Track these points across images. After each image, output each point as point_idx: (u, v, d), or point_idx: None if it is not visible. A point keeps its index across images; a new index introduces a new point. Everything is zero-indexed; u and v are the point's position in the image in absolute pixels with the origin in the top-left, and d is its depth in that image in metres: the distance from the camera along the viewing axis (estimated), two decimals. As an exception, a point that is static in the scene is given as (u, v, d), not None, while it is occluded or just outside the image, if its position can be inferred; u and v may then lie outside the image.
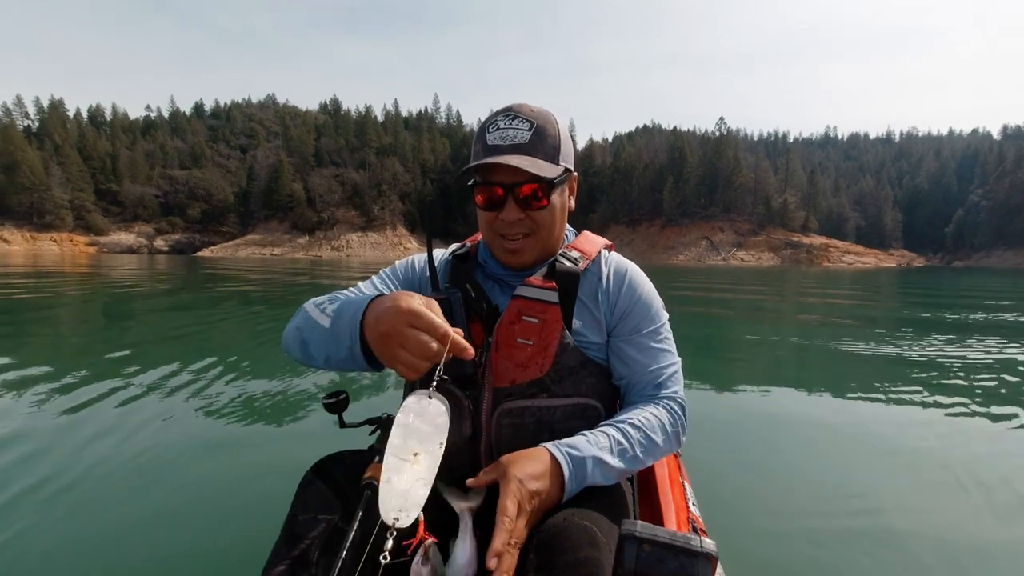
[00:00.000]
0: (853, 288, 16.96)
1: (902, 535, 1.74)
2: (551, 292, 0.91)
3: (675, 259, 72.80)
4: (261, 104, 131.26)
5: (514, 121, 0.88)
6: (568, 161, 0.93)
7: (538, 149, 0.87)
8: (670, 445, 0.89)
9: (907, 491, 2.07)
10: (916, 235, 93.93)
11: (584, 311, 0.94)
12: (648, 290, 0.99)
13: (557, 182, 0.90)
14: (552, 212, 0.91)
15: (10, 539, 1.61)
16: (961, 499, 2.00)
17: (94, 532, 1.67)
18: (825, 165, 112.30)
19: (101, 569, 1.50)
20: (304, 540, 0.71)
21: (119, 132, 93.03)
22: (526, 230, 0.91)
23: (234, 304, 8.75)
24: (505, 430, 0.88)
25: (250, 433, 2.60)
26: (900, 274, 34.82)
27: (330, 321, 0.80)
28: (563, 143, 0.91)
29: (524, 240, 0.92)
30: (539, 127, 0.89)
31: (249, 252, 74.98)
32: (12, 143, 71.53)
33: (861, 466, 2.31)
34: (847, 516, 1.86)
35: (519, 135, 0.87)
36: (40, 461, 2.16)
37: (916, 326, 7.17)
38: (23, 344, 4.92)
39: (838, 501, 1.98)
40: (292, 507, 0.78)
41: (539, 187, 0.87)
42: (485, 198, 0.90)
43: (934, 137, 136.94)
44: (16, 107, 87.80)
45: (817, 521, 1.82)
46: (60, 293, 10.07)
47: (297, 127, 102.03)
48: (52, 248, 67.97)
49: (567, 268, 0.94)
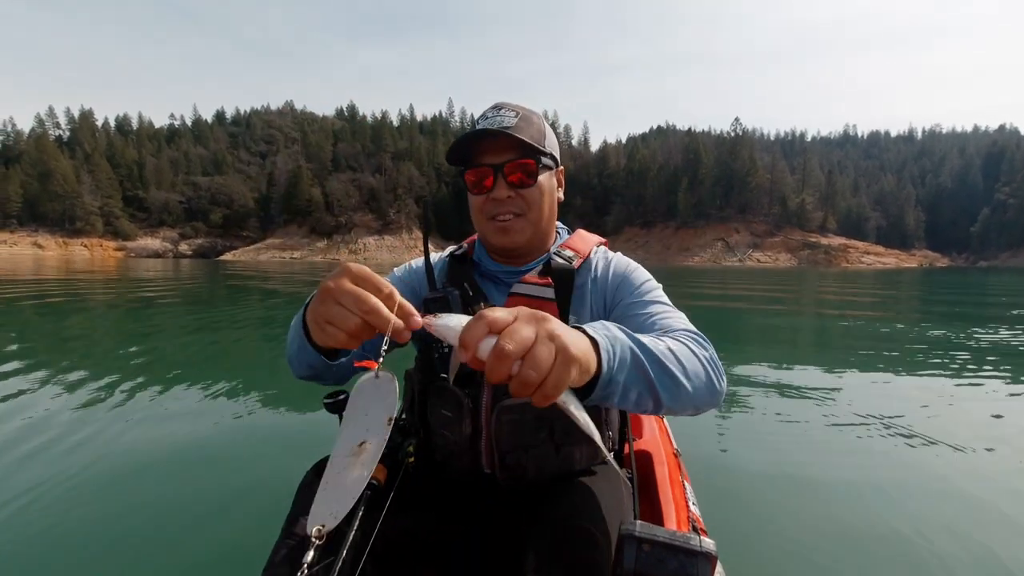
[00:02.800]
0: (862, 287, 16.92)
1: (902, 535, 1.74)
2: (547, 288, 0.91)
3: (690, 261, 72.37)
4: (280, 111, 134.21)
5: (501, 111, 0.92)
6: (554, 151, 0.96)
7: (524, 132, 0.90)
8: (710, 368, 0.74)
9: (907, 491, 2.06)
10: (940, 235, 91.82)
11: (580, 307, 0.95)
12: (636, 267, 1.00)
13: (544, 164, 0.93)
14: (541, 192, 0.93)
15: (10, 539, 1.63)
16: (961, 499, 2.00)
17: (94, 532, 1.68)
18: (844, 164, 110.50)
19: (101, 569, 1.51)
20: (304, 540, 0.70)
21: (145, 140, 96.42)
22: (516, 209, 0.92)
23: (238, 306, 8.78)
24: (505, 428, 0.87)
25: (251, 433, 2.62)
26: (918, 274, 34.26)
27: (295, 318, 0.77)
28: (548, 135, 0.95)
29: (515, 220, 0.93)
30: (524, 115, 0.92)
31: (269, 256, 76.72)
32: (46, 152, 74.67)
33: (861, 466, 2.30)
34: (847, 516, 1.86)
35: (506, 120, 0.90)
36: (40, 460, 2.19)
37: (924, 325, 7.20)
38: (33, 344, 4.97)
39: (838, 501, 1.98)
40: (292, 507, 0.77)
41: (528, 165, 0.90)
42: (475, 180, 0.91)
43: (958, 134, 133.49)
44: (48, 118, 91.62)
45: (817, 521, 1.83)
46: (86, 297, 10.67)
47: (315, 133, 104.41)
48: (83, 253, 70.60)
49: (562, 265, 0.94)
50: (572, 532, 0.68)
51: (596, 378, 0.58)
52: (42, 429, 2.56)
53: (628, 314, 0.91)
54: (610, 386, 0.59)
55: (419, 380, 0.96)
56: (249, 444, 2.49)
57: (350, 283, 0.57)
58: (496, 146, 0.89)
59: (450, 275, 1.00)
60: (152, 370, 3.77)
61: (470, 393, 0.88)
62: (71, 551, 1.58)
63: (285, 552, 0.71)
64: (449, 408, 0.88)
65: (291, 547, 0.71)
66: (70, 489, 1.95)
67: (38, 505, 1.83)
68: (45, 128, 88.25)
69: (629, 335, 0.65)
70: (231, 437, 2.57)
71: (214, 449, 2.40)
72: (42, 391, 3.25)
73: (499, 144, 0.89)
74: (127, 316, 7.70)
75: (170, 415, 2.82)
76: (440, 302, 0.88)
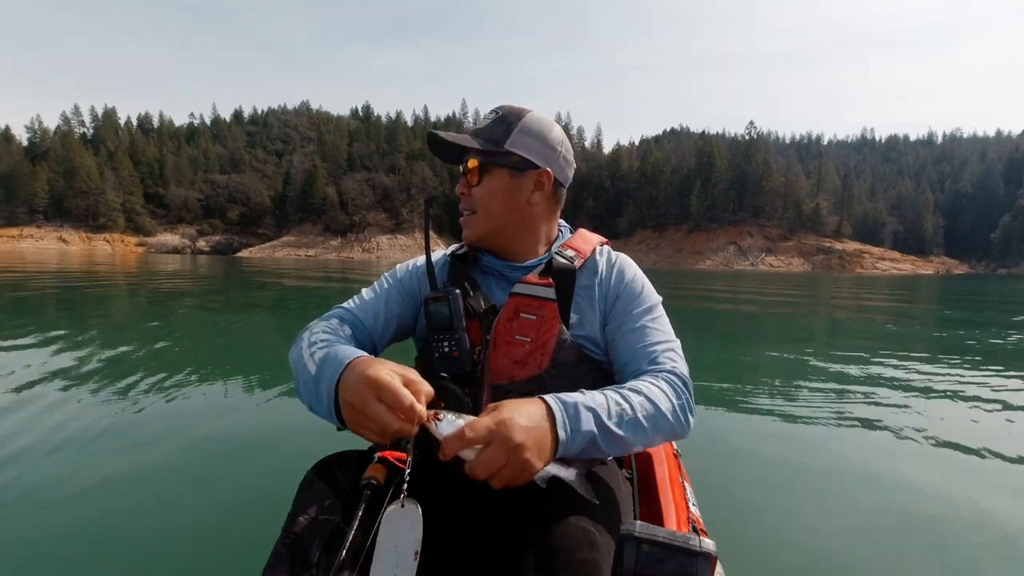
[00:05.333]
0: (870, 292, 16.82)
1: (902, 535, 1.74)
2: (548, 288, 0.92)
3: (702, 264, 72.14)
4: (296, 111, 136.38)
5: (490, 114, 0.96)
6: (527, 153, 0.94)
7: (487, 132, 0.93)
8: (677, 420, 0.83)
9: (908, 491, 2.06)
10: (959, 241, 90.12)
11: (581, 307, 0.95)
12: (638, 274, 1.01)
13: (490, 163, 0.93)
14: (489, 192, 0.94)
15: (10, 538, 1.62)
16: (961, 498, 2.00)
17: (94, 531, 1.67)
18: (861, 168, 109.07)
19: (102, 568, 1.50)
20: (304, 540, 0.72)
21: (166, 139, 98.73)
22: (468, 206, 0.97)
23: (242, 307, 8.77)
24: None
25: (251, 433, 2.62)
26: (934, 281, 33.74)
27: (315, 370, 0.80)
28: (525, 135, 0.94)
29: (468, 216, 0.98)
30: (503, 116, 0.94)
31: (285, 253, 78.00)
32: (71, 150, 77.06)
33: (861, 466, 2.31)
34: (847, 516, 1.86)
35: (482, 122, 0.95)
36: (40, 459, 2.18)
37: (931, 329, 7.26)
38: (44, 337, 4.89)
39: (838, 501, 1.98)
40: (293, 507, 0.78)
41: (474, 166, 0.93)
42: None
43: (979, 139, 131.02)
44: (74, 116, 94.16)
45: (817, 520, 1.83)
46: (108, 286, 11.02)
47: (330, 133, 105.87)
48: (105, 248, 72.50)
49: (563, 265, 0.95)
50: (572, 532, 0.69)
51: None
52: (41, 426, 2.54)
53: (622, 330, 0.93)
54: (575, 441, 0.74)
55: None
56: (249, 444, 2.47)
57: (375, 402, 0.69)
58: (451, 144, 0.94)
59: (451, 274, 1.01)
60: (152, 369, 3.72)
61: (470, 392, 0.89)
62: (71, 550, 1.57)
63: (285, 552, 0.72)
64: (449, 407, 0.90)
65: (291, 547, 0.72)
66: (68, 488, 1.93)
67: (38, 504, 1.82)
68: (71, 126, 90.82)
69: (597, 420, 0.75)
70: (231, 437, 2.55)
71: (214, 449, 2.38)
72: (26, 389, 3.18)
73: (463, 145, 0.94)
74: (143, 310, 7.92)
75: (170, 415, 2.82)
76: (440, 302, 0.90)
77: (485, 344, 0.90)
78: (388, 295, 1.02)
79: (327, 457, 0.87)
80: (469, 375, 0.88)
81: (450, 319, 0.88)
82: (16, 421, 2.59)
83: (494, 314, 0.92)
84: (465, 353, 0.88)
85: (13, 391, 3.09)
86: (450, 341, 0.88)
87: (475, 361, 0.89)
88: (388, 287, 1.04)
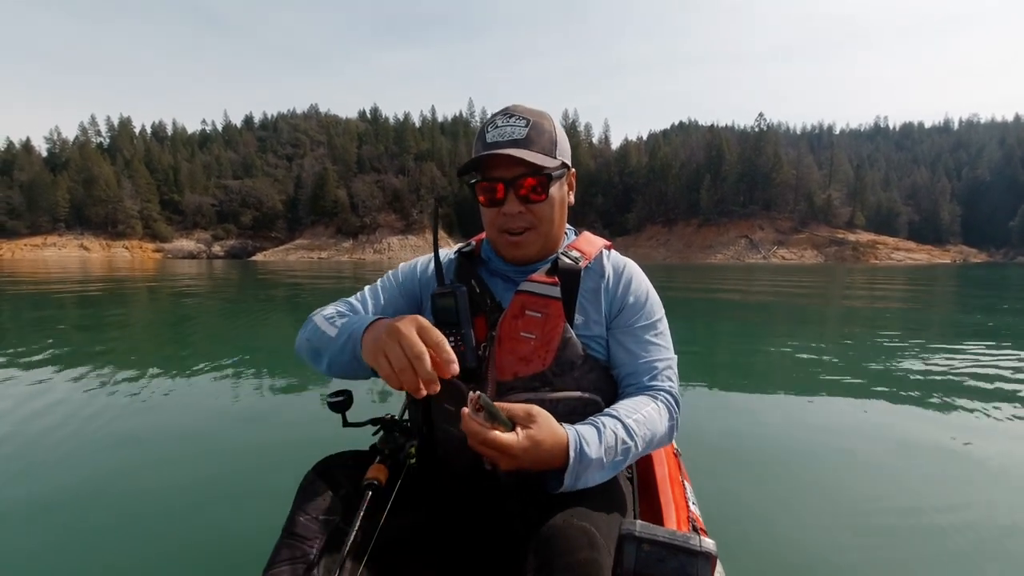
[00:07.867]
0: (877, 282, 16.59)
1: (903, 535, 1.73)
2: (553, 287, 0.93)
3: (713, 259, 71.51)
4: (305, 115, 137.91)
5: (511, 119, 0.92)
6: (565, 156, 0.95)
7: (535, 143, 0.90)
8: (666, 437, 0.91)
9: (908, 491, 2.06)
10: (977, 230, 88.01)
11: (585, 306, 0.96)
12: (645, 286, 1.01)
13: (555, 175, 0.92)
14: (552, 205, 0.94)
15: (10, 538, 1.64)
16: (961, 499, 1.99)
17: (95, 531, 1.68)
18: (875, 157, 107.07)
19: (102, 567, 1.51)
20: (305, 540, 0.72)
21: (179, 146, 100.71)
22: (527, 224, 0.93)
23: (242, 306, 8.86)
24: None
25: (252, 432, 2.62)
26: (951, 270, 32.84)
27: (337, 332, 0.86)
28: (559, 139, 0.94)
29: (526, 234, 0.94)
30: (535, 123, 0.92)
31: (298, 256, 79.00)
32: (90, 159, 78.96)
33: (861, 466, 2.30)
34: (846, 515, 1.85)
35: (516, 131, 0.90)
36: (40, 459, 2.21)
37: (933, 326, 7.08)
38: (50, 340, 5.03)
39: (838, 500, 1.98)
40: (293, 507, 0.78)
41: (538, 181, 0.90)
42: (487, 195, 0.92)
43: (998, 124, 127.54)
44: (91, 126, 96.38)
45: (817, 520, 1.82)
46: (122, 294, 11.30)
47: (339, 135, 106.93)
48: (124, 255, 74.24)
49: (568, 265, 0.96)
50: (572, 532, 0.69)
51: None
52: (40, 425, 2.60)
53: (626, 341, 0.96)
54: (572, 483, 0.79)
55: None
56: (249, 444, 2.48)
57: (415, 331, 0.71)
58: (508, 159, 0.89)
59: (458, 272, 1.02)
60: (152, 369, 3.76)
61: (474, 388, 0.88)
62: (71, 550, 1.59)
63: (285, 552, 0.72)
64: (452, 403, 0.90)
65: (291, 547, 0.72)
66: (69, 488, 1.95)
67: (38, 503, 1.85)
68: (88, 136, 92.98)
69: (600, 472, 0.80)
70: (231, 437, 2.57)
71: (214, 449, 2.40)
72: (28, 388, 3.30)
73: (511, 157, 0.88)
74: (151, 314, 8.12)
75: (170, 415, 2.84)
76: (447, 298, 0.90)
77: (490, 340, 0.91)
78: (390, 292, 1.04)
79: (327, 457, 0.87)
80: (474, 371, 0.88)
81: (456, 314, 0.89)
82: (19, 417, 2.70)
83: (499, 311, 0.94)
84: (471, 349, 0.88)
85: (28, 385, 3.31)
86: (456, 337, 0.88)
87: (480, 357, 0.90)
88: (390, 285, 1.05)
